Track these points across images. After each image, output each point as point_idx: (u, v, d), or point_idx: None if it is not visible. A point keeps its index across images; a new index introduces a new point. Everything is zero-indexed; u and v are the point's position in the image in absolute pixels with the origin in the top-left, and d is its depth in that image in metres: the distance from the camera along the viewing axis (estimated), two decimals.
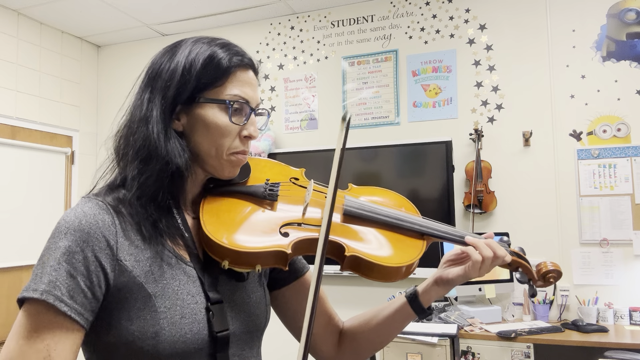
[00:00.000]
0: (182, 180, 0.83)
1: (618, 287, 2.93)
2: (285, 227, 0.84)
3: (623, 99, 3.02)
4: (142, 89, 0.86)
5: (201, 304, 0.79)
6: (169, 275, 0.79)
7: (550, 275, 0.96)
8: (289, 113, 3.81)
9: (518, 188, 3.18)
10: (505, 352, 2.60)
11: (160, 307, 0.75)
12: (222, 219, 0.83)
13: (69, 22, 3.98)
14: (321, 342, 1.00)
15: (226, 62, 0.84)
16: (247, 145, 0.88)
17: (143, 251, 0.78)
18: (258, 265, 0.80)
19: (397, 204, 0.98)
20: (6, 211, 3.59)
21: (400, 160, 3.35)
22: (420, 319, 0.97)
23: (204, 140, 0.84)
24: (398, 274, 0.86)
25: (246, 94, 0.85)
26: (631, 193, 2.96)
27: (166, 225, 0.80)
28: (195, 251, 0.84)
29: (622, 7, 3.07)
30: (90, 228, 0.74)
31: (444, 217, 3.13)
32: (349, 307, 2.96)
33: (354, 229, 0.89)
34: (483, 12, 3.36)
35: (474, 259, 0.88)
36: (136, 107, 0.85)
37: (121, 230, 0.77)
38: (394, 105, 3.52)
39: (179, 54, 0.85)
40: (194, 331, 0.77)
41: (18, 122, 3.72)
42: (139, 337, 0.74)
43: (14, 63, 3.72)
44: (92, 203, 0.78)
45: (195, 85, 0.82)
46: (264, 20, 3.94)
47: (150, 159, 0.80)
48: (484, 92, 3.32)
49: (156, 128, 0.81)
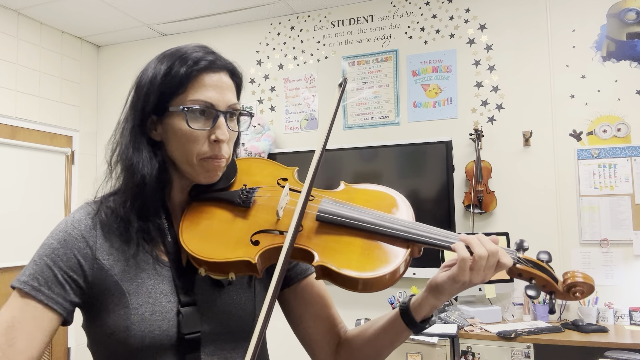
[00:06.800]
0: (162, 187, 0.87)
1: (618, 287, 2.93)
2: (257, 234, 0.83)
3: (623, 99, 3.02)
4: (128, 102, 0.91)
5: (174, 303, 0.84)
6: (145, 275, 0.84)
7: (577, 289, 0.79)
8: (289, 113, 3.81)
9: (518, 188, 3.18)
10: (505, 352, 2.60)
11: (132, 303, 0.82)
12: (199, 227, 0.86)
13: (69, 22, 3.97)
14: (319, 349, 0.98)
15: (185, 69, 0.84)
16: (219, 150, 0.86)
17: (122, 252, 0.85)
18: (231, 273, 0.81)
19: (387, 204, 0.90)
20: (6, 211, 3.59)
21: (400, 160, 3.35)
22: (415, 333, 0.88)
23: (175, 148, 0.87)
24: (374, 285, 0.78)
25: (210, 98, 0.84)
26: (631, 193, 2.96)
27: (147, 230, 0.85)
28: (175, 256, 0.87)
29: (622, 7, 3.07)
30: (73, 231, 0.84)
31: (444, 217, 3.13)
32: (350, 309, 2.96)
33: (329, 236, 0.83)
34: (483, 12, 3.36)
35: (461, 255, 0.78)
36: (119, 121, 0.91)
37: (102, 234, 0.86)
38: (394, 105, 3.52)
39: (149, 68, 0.88)
40: (163, 328, 0.82)
41: (18, 122, 3.72)
42: (114, 331, 0.81)
43: (14, 63, 3.71)
44: (84, 210, 0.88)
45: (159, 96, 0.85)
46: (264, 20, 3.94)
47: (124, 169, 0.87)
48: (484, 92, 3.32)
49: (125, 140, 0.87)
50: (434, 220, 2.07)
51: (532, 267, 0.82)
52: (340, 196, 0.91)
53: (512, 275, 0.83)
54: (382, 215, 0.85)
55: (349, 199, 0.90)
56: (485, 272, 0.79)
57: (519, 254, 0.84)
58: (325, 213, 0.85)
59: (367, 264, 0.79)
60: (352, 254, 0.80)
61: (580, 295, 0.79)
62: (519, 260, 0.82)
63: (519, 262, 0.82)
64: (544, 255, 0.84)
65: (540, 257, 0.84)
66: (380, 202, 0.91)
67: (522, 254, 0.83)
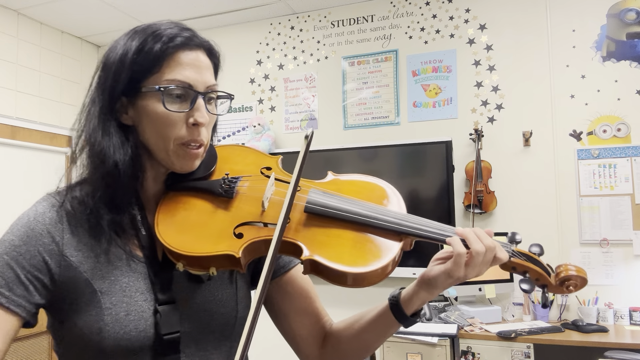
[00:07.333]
0: (135, 176, 0.80)
1: (618, 287, 2.93)
2: (240, 227, 0.78)
3: (623, 99, 3.02)
4: (94, 82, 0.83)
5: (151, 301, 0.78)
6: (119, 272, 0.78)
7: (571, 283, 0.79)
8: (289, 113, 3.81)
9: (518, 188, 3.18)
10: (505, 352, 2.60)
11: (105, 303, 0.75)
12: (176, 219, 0.79)
13: (69, 22, 3.98)
14: (305, 343, 0.95)
15: (159, 45, 0.77)
16: (198, 134, 0.80)
17: (92, 248, 0.78)
18: (212, 268, 0.75)
19: (378, 196, 0.86)
20: (6, 211, 3.58)
21: (400, 160, 3.35)
22: (406, 327, 0.86)
23: (150, 133, 0.80)
24: (365, 280, 0.75)
25: (188, 77, 0.78)
26: (631, 193, 2.96)
27: (119, 223, 0.78)
28: (149, 251, 0.81)
29: (622, 7, 3.07)
30: (37, 225, 0.77)
31: (444, 217, 3.13)
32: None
33: (318, 228, 0.79)
34: (483, 12, 3.36)
35: (457, 251, 0.76)
36: (85, 104, 0.83)
37: (69, 227, 0.78)
38: (394, 105, 3.52)
39: (118, 45, 0.80)
40: (139, 329, 0.76)
41: (18, 122, 3.72)
42: (85, 333, 0.75)
43: (14, 63, 3.72)
44: (47, 202, 0.81)
45: (131, 75, 0.77)
46: (264, 20, 3.94)
47: (92, 156, 0.79)
48: (484, 92, 3.32)
49: (92, 124, 0.79)
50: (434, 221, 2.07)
51: (525, 260, 0.81)
52: (328, 187, 0.87)
53: (505, 269, 0.82)
54: (374, 207, 0.81)
55: (337, 190, 0.86)
56: (481, 267, 0.77)
57: (513, 247, 0.83)
58: (314, 204, 0.80)
59: (359, 258, 0.75)
60: (343, 247, 0.77)
61: (574, 288, 0.79)
62: (514, 253, 0.81)
63: (513, 255, 0.81)
64: (536, 248, 0.83)
65: (532, 250, 0.83)
66: (371, 193, 0.87)
67: (515, 247, 0.83)
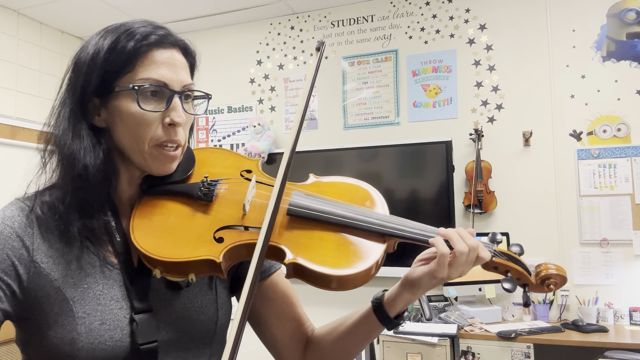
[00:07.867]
0: (108, 180, 0.77)
1: (618, 287, 2.93)
2: (220, 231, 0.76)
3: (623, 99, 3.02)
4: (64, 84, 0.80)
5: (127, 310, 0.75)
6: (92, 279, 0.75)
7: (551, 281, 0.81)
8: (289, 113, 3.81)
9: (518, 188, 3.18)
10: (505, 352, 2.60)
11: (78, 312, 0.72)
12: (153, 224, 0.77)
13: (69, 22, 3.98)
14: (286, 350, 0.93)
15: (133, 43, 0.74)
16: (175, 134, 0.78)
17: (63, 254, 0.74)
18: (191, 274, 0.73)
19: (360, 197, 0.86)
20: None
21: (400, 160, 3.35)
22: (389, 330, 0.85)
23: (124, 134, 0.77)
24: (349, 282, 0.74)
25: (163, 76, 0.76)
26: (631, 193, 2.96)
27: (91, 229, 0.76)
28: (125, 257, 0.78)
29: (622, 7, 3.07)
30: (4, 228, 0.73)
31: (444, 217, 3.13)
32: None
33: (300, 231, 0.78)
34: (483, 12, 3.36)
35: (440, 251, 0.76)
36: (54, 107, 0.80)
37: (39, 233, 0.75)
38: (394, 105, 3.52)
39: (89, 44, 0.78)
40: (115, 339, 0.72)
41: (18, 122, 3.72)
42: (57, 345, 0.71)
43: (14, 63, 3.72)
44: (15, 206, 0.78)
45: (103, 74, 0.75)
46: (264, 20, 3.94)
47: (61, 160, 0.76)
48: (484, 92, 3.32)
49: (62, 127, 0.76)
50: (434, 220, 2.07)
51: (507, 259, 0.82)
52: (310, 189, 0.86)
53: (487, 269, 0.82)
54: (357, 209, 0.81)
55: (319, 192, 0.85)
56: (464, 267, 0.77)
57: (494, 246, 0.83)
58: (297, 207, 0.79)
59: (343, 260, 0.75)
60: (327, 249, 0.76)
61: (554, 286, 0.81)
62: (495, 253, 0.82)
63: (495, 255, 0.81)
64: (517, 247, 0.84)
65: (513, 250, 0.84)
66: (353, 195, 0.86)
67: (496, 247, 0.83)
